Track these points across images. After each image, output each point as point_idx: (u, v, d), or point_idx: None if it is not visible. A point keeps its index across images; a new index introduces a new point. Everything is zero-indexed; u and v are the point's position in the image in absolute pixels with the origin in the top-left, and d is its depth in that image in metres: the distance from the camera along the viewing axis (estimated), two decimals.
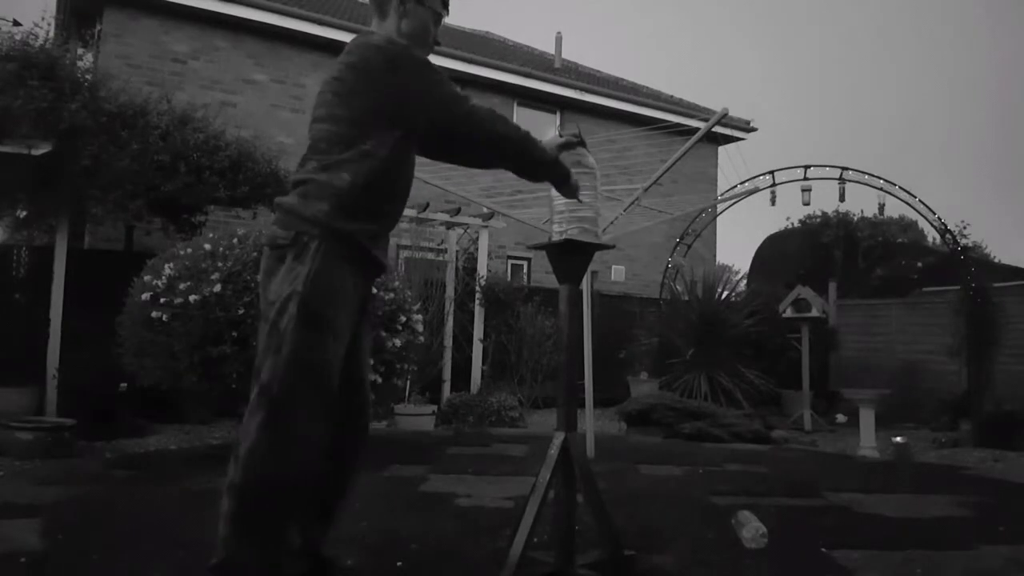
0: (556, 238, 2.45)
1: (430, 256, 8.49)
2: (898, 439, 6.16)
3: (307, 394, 1.99)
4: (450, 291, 8.35)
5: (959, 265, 9.11)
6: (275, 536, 2.02)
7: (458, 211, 8.35)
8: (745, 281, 10.98)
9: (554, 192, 2.48)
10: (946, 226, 9.12)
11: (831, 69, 75.97)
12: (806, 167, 9.60)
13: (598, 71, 14.91)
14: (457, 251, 8.77)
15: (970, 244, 13.70)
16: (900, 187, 9.16)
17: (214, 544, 1.96)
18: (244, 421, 1.99)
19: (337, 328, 2.05)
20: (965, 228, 13.20)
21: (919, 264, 13.27)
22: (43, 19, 6.54)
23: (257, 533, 1.96)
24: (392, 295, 5.12)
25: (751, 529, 3.02)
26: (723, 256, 15.01)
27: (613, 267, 12.43)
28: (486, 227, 8.67)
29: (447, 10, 2.36)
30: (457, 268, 8.64)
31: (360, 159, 2.07)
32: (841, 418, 8.42)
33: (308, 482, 2.07)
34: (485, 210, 8.21)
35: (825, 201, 20.09)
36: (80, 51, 9.49)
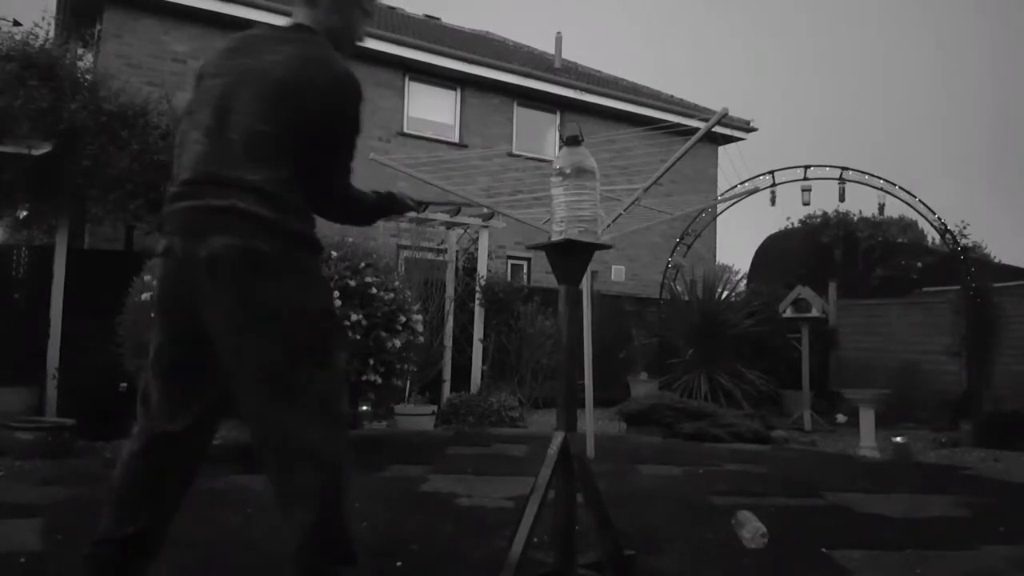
0: (556, 238, 2.45)
1: (430, 256, 8.49)
2: (898, 439, 6.16)
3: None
4: (450, 291, 8.35)
5: (959, 265, 9.10)
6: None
7: (458, 211, 8.34)
8: (745, 281, 10.99)
9: (554, 192, 2.47)
10: (946, 226, 9.12)
11: (831, 69, 76.00)
12: (806, 167, 9.59)
13: (598, 71, 14.90)
14: (457, 251, 8.76)
15: (970, 244, 13.68)
16: (900, 187, 9.15)
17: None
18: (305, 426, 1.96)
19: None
20: (965, 228, 13.17)
21: (919, 264, 13.24)
22: (43, 19, 6.58)
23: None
24: (392, 295, 5.11)
25: (751, 529, 3.02)
26: (723, 256, 15.00)
27: (613, 267, 12.43)
28: (486, 227, 8.66)
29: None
30: (457, 268, 8.64)
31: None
32: (841, 418, 8.42)
33: None
34: (485, 210, 8.20)
35: (825, 201, 20.04)
36: (80, 51, 9.47)
